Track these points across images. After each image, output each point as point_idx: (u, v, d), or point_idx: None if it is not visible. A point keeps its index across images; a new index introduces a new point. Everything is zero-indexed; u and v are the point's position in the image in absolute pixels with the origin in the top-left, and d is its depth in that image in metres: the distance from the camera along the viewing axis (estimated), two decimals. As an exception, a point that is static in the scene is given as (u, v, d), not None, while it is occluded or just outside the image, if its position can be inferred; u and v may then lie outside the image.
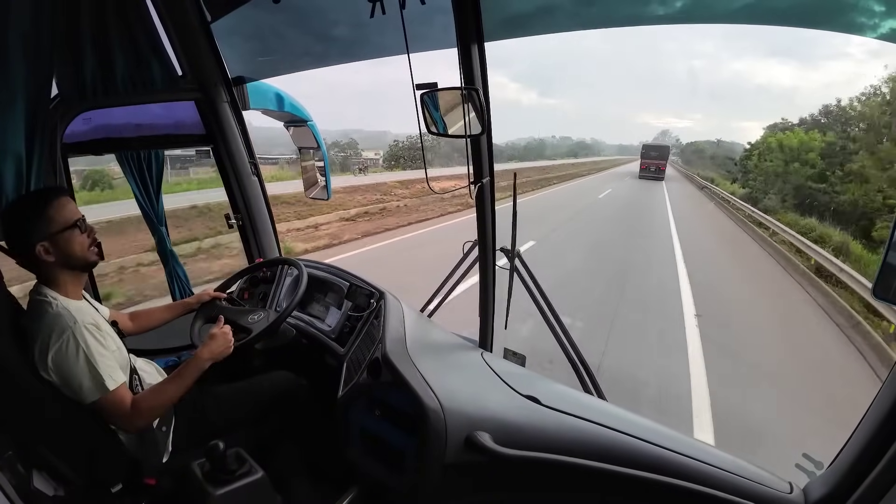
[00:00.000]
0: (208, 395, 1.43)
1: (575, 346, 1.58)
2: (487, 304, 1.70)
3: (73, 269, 1.17)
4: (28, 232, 1.10)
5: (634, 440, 1.07)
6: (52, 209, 1.12)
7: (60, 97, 1.52)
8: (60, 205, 1.14)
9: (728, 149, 47.59)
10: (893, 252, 0.82)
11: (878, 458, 0.84)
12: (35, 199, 1.17)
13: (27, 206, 1.14)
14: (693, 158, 57.39)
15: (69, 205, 1.16)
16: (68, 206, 1.16)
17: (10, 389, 1.02)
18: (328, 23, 1.92)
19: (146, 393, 1.20)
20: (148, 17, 1.60)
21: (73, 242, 1.14)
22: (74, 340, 1.08)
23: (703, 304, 5.62)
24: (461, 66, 1.25)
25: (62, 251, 1.13)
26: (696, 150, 59.01)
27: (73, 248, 1.14)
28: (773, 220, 11.49)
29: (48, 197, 1.15)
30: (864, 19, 1.07)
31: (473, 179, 1.46)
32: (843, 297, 6.13)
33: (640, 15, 1.45)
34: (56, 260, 1.12)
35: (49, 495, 1.06)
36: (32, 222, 1.10)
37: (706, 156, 50.68)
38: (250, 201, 2.05)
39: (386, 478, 1.23)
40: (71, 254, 1.14)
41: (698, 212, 17.27)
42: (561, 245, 8.69)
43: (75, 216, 1.16)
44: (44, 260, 1.11)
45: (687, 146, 67.15)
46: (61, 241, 1.12)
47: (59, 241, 1.12)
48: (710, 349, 4.34)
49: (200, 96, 1.83)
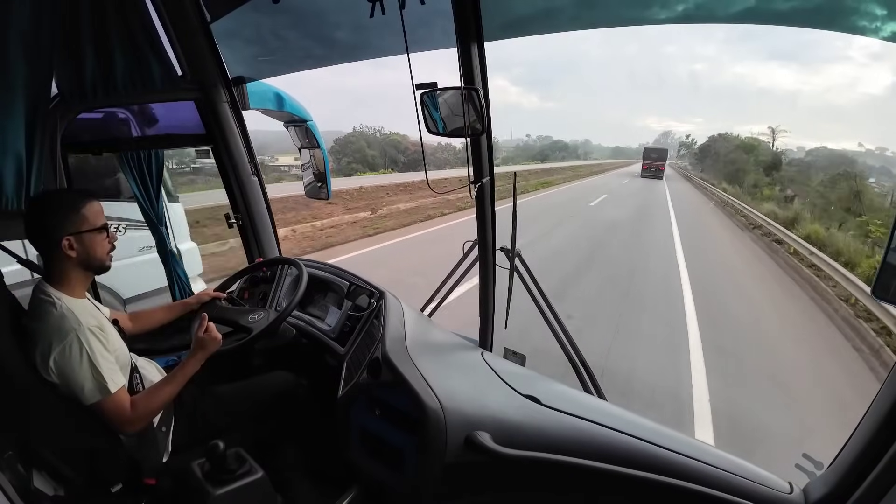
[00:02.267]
0: (208, 395, 1.43)
1: (575, 346, 1.58)
2: (487, 304, 1.70)
3: (87, 269, 1.20)
4: (60, 222, 1.13)
5: (634, 440, 1.07)
6: (87, 209, 1.17)
7: (60, 97, 1.52)
8: (94, 207, 1.19)
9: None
10: (893, 252, 0.82)
11: (878, 458, 0.84)
12: (74, 196, 1.21)
13: (66, 200, 1.19)
14: (712, 163, 40.70)
15: (101, 210, 1.22)
16: (100, 210, 1.21)
17: (10, 389, 1.02)
18: (328, 23, 1.92)
19: (143, 395, 1.20)
20: (148, 17, 1.59)
21: (97, 244, 1.19)
22: (78, 343, 1.08)
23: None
24: (461, 66, 1.26)
25: (86, 249, 1.16)
26: (738, 147, 37.82)
27: (96, 250, 1.19)
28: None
29: (85, 197, 1.20)
30: (865, 22, 1.07)
31: (473, 179, 1.46)
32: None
33: (641, 16, 1.45)
34: (76, 257, 1.15)
35: (49, 495, 1.06)
36: (67, 215, 1.14)
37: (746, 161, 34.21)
38: (250, 201, 2.05)
39: (386, 478, 1.23)
40: (93, 254, 1.18)
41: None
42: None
43: (104, 220, 1.21)
44: (66, 254, 1.13)
45: (710, 145, 45.74)
46: (87, 240, 1.16)
47: (85, 239, 1.16)
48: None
49: (200, 96, 1.83)
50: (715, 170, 39.46)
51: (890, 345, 4.58)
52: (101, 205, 1.22)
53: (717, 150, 41.89)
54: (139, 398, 1.18)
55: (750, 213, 13.62)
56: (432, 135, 1.33)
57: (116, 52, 1.55)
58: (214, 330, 1.33)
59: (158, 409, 1.22)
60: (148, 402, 1.18)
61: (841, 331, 5.21)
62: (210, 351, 1.31)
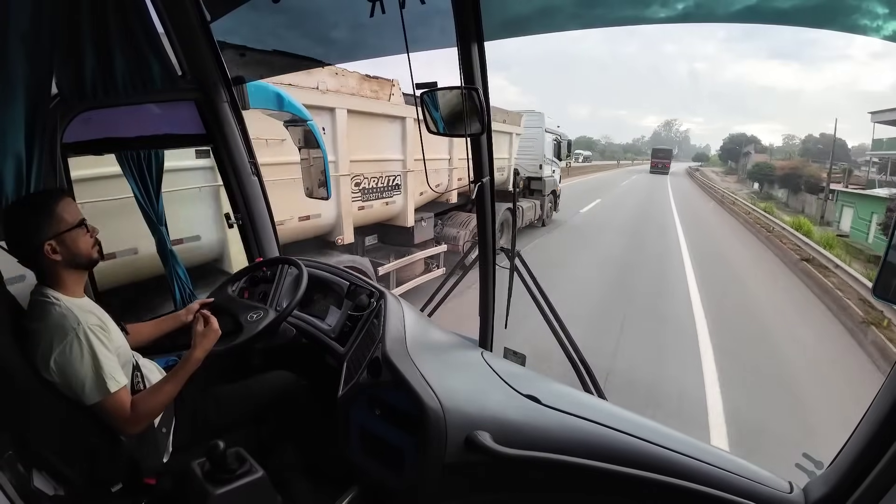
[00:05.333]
0: (208, 395, 1.43)
1: (575, 346, 1.58)
2: (487, 304, 1.70)
3: (77, 267, 1.19)
4: (36, 230, 1.11)
5: (634, 440, 1.07)
6: (60, 208, 1.15)
7: (60, 97, 1.52)
8: (67, 204, 1.17)
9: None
10: (894, 252, 0.82)
11: (878, 457, 0.84)
12: (44, 198, 1.19)
13: (36, 205, 1.16)
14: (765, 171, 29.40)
15: (73, 205, 1.19)
16: (73, 206, 1.19)
17: (10, 389, 1.02)
18: (328, 23, 1.92)
19: (144, 394, 1.19)
20: (148, 17, 1.59)
21: (79, 241, 1.17)
22: (79, 342, 1.08)
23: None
24: (461, 66, 1.25)
25: (69, 249, 1.15)
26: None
27: (79, 247, 1.17)
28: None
29: (56, 196, 1.17)
30: (866, 21, 1.07)
31: (473, 179, 1.46)
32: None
33: (641, 15, 1.45)
34: (62, 259, 1.14)
35: (49, 495, 1.06)
36: (41, 221, 1.12)
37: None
38: (250, 201, 2.05)
39: (386, 478, 1.22)
40: (78, 252, 1.17)
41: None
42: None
43: (80, 215, 1.19)
44: (51, 259, 1.12)
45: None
46: (68, 240, 1.15)
47: (66, 239, 1.14)
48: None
49: (200, 96, 1.82)
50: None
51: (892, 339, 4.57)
52: (73, 200, 1.20)
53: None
54: (140, 398, 1.17)
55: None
56: (432, 134, 1.33)
57: (116, 52, 1.55)
58: (214, 321, 1.31)
59: (160, 408, 1.21)
60: (149, 401, 1.17)
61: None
62: (211, 343, 1.29)
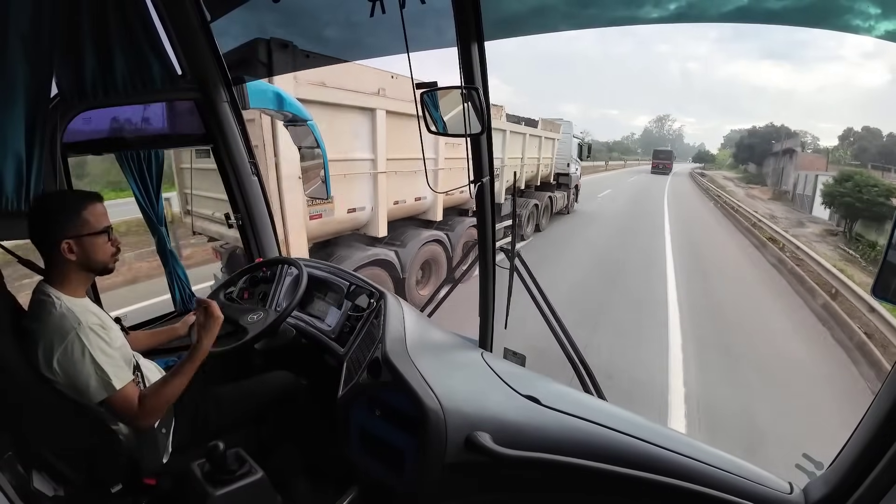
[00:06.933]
0: (208, 396, 1.43)
1: (575, 346, 1.58)
2: (487, 304, 1.69)
3: (89, 270, 1.19)
4: (59, 225, 1.12)
5: (634, 440, 1.07)
6: (88, 212, 1.15)
7: (60, 97, 1.52)
8: (97, 209, 1.17)
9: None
10: (893, 251, 0.82)
11: (878, 458, 0.84)
12: (76, 197, 1.20)
13: (66, 202, 1.17)
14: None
15: (103, 211, 1.20)
16: (103, 212, 1.19)
17: (10, 390, 1.02)
18: (328, 22, 1.92)
19: (152, 388, 1.19)
20: (148, 17, 1.59)
21: (98, 248, 1.17)
22: (79, 341, 1.08)
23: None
24: (461, 66, 1.25)
25: (86, 253, 1.15)
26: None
27: (97, 254, 1.17)
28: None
29: (87, 199, 1.18)
30: (858, 20, 1.07)
31: (473, 178, 1.46)
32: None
33: (634, 15, 1.45)
34: (76, 260, 1.14)
35: (49, 495, 1.06)
36: (67, 218, 1.13)
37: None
38: (250, 201, 2.05)
39: (386, 478, 1.22)
40: (94, 258, 1.17)
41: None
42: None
43: (106, 223, 1.19)
44: (65, 257, 1.12)
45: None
46: (87, 244, 1.15)
47: (85, 242, 1.14)
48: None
49: (200, 96, 1.82)
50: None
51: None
52: (104, 206, 1.20)
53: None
54: (149, 392, 1.17)
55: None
56: (432, 134, 1.33)
57: (116, 52, 1.55)
58: (214, 306, 1.29)
59: (169, 401, 1.20)
60: (158, 395, 1.17)
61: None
62: (214, 331, 1.28)
